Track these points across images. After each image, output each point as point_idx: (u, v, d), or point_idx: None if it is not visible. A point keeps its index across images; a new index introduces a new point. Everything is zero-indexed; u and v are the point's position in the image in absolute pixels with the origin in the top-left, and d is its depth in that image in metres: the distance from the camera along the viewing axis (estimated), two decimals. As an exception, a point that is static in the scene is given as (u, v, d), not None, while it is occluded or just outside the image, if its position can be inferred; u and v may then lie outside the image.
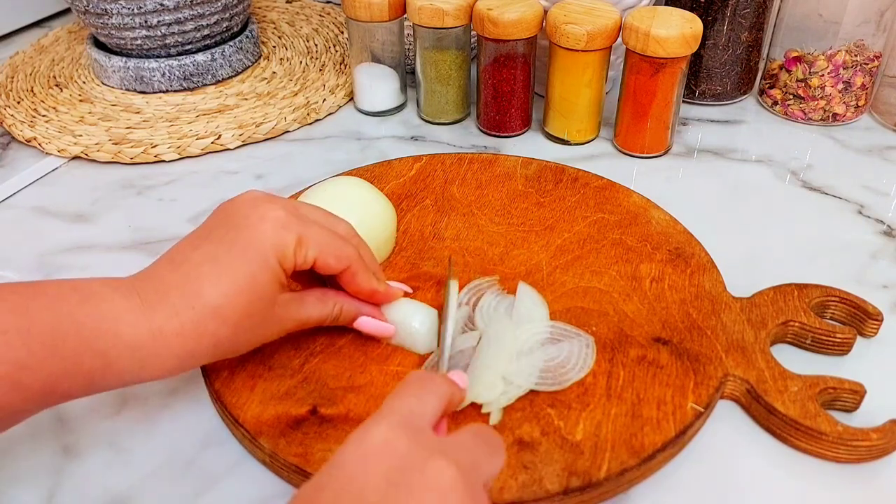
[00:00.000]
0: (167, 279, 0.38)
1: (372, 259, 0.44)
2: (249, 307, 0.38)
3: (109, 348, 0.35)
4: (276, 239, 0.38)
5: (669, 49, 0.58)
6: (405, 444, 0.28)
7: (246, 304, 0.37)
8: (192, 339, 0.37)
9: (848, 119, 0.69)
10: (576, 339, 0.45)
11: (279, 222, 0.39)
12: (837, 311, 0.48)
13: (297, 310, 0.41)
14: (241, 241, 0.38)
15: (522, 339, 0.44)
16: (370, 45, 0.68)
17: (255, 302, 0.38)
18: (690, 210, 0.56)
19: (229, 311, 0.37)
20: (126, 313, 0.36)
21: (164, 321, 0.36)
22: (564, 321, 0.46)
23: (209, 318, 0.37)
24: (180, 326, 0.36)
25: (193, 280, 0.37)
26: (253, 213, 0.39)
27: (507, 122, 0.67)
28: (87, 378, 0.35)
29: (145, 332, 0.36)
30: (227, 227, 0.39)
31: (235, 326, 0.38)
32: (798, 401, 0.41)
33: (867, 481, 0.40)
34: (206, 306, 0.37)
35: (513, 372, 0.42)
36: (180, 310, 0.37)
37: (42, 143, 0.66)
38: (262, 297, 0.38)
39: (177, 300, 0.37)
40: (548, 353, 0.44)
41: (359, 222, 0.49)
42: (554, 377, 0.42)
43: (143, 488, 0.39)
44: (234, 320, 0.37)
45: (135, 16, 0.69)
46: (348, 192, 0.50)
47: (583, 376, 0.42)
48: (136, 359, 0.36)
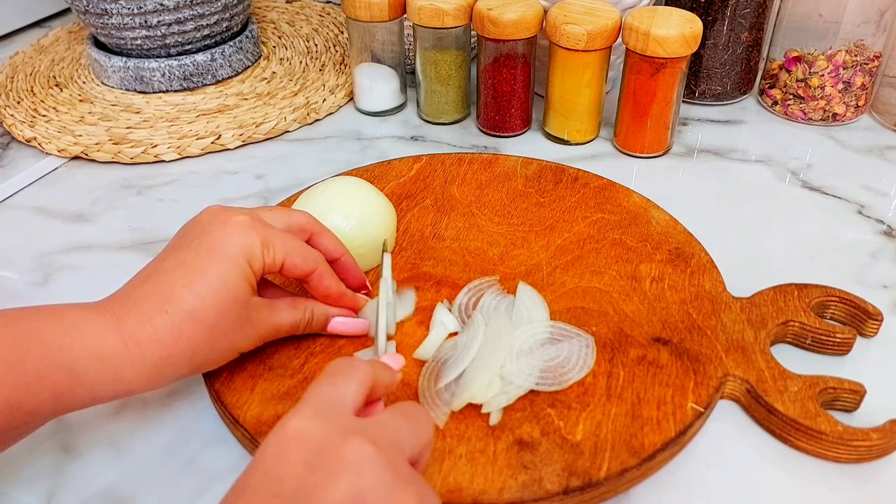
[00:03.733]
0: (136, 291, 0.38)
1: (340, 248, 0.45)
2: (224, 307, 0.37)
3: (75, 361, 0.35)
4: (243, 239, 0.39)
5: (669, 49, 0.58)
6: (320, 429, 0.28)
7: (220, 304, 0.37)
8: (168, 343, 0.36)
9: (848, 119, 0.69)
10: (576, 339, 0.45)
11: (243, 224, 0.39)
12: (837, 311, 0.48)
13: (270, 314, 0.41)
14: (206, 244, 0.38)
15: (522, 339, 0.44)
16: (370, 45, 0.68)
17: (229, 301, 0.38)
18: (690, 210, 0.56)
19: (203, 313, 0.37)
20: (93, 325, 0.36)
21: (135, 327, 0.36)
22: (564, 321, 0.46)
23: (184, 321, 0.36)
24: (154, 331, 0.36)
25: (164, 286, 0.37)
26: (215, 219, 0.40)
27: (507, 122, 0.67)
28: (54, 394, 0.34)
29: (116, 341, 0.35)
30: (192, 236, 0.39)
31: (212, 328, 0.37)
32: (798, 401, 0.41)
33: (867, 481, 0.40)
34: (179, 308, 0.36)
35: (512, 372, 0.42)
36: (153, 315, 0.36)
37: (42, 143, 0.66)
38: (234, 297, 0.38)
39: (148, 307, 0.36)
40: (548, 353, 0.44)
41: (359, 222, 0.49)
42: (554, 377, 0.42)
43: (143, 488, 0.39)
44: (209, 321, 0.37)
45: (135, 16, 0.69)
46: (348, 192, 0.50)
47: (583, 376, 0.42)
48: (108, 370, 0.35)
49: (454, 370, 0.42)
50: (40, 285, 0.53)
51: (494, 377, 0.42)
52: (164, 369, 0.37)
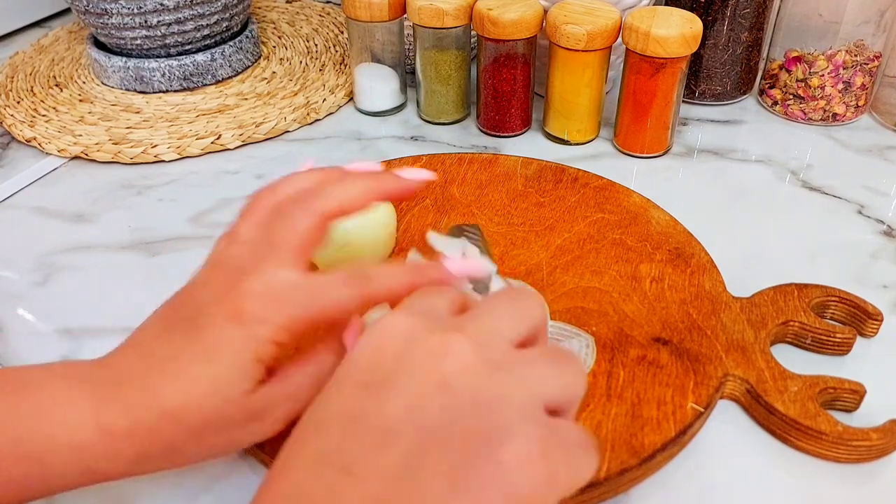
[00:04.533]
0: (130, 371, 0.33)
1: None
2: (213, 410, 0.32)
3: (45, 452, 0.31)
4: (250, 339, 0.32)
5: (669, 49, 0.58)
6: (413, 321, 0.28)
7: (209, 408, 0.32)
8: (145, 441, 0.32)
9: (848, 119, 0.69)
10: (575, 339, 0.45)
11: (255, 318, 0.32)
12: (837, 311, 0.48)
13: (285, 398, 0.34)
14: (206, 341, 0.32)
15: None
16: (370, 45, 0.68)
17: (219, 405, 0.32)
18: (690, 210, 0.56)
19: (187, 415, 0.32)
20: (69, 412, 0.32)
21: (115, 418, 0.32)
22: (564, 321, 0.46)
23: (165, 421, 0.32)
24: (131, 426, 0.32)
25: (153, 375, 0.32)
26: (221, 308, 0.33)
27: (507, 122, 0.67)
28: (20, 485, 0.31)
29: (91, 433, 0.31)
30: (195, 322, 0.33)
31: (199, 432, 0.32)
32: (798, 401, 0.41)
33: (867, 481, 0.40)
34: (161, 407, 0.32)
35: None
36: (135, 407, 0.32)
37: (42, 143, 0.66)
38: (227, 399, 0.32)
39: (133, 396, 0.32)
40: None
41: (359, 221, 0.49)
42: None
43: (143, 488, 0.39)
44: (193, 425, 0.32)
45: (135, 16, 0.69)
46: None
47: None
48: (81, 461, 0.31)
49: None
50: (40, 285, 0.53)
51: None
52: (142, 465, 0.33)
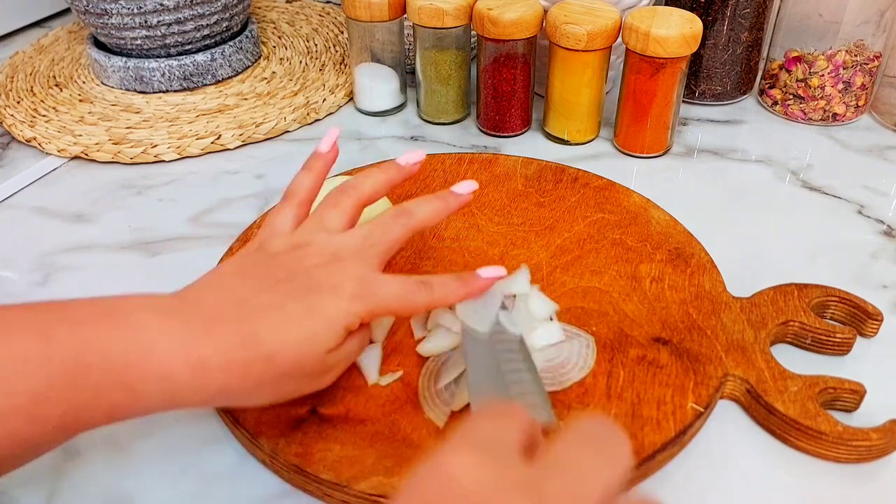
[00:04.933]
0: (222, 312, 0.36)
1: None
2: (302, 358, 0.36)
3: (137, 381, 0.33)
4: (346, 312, 0.37)
5: (669, 49, 0.58)
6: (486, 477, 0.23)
7: (300, 355, 0.36)
8: (236, 376, 0.34)
9: (848, 119, 0.69)
10: (576, 339, 0.45)
11: (351, 296, 0.37)
12: (837, 311, 0.48)
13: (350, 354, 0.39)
14: (310, 301, 0.37)
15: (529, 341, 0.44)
16: (370, 45, 0.68)
17: (309, 355, 0.36)
18: (690, 210, 0.56)
19: (281, 359, 0.35)
20: (162, 339, 0.34)
21: (209, 353, 0.34)
22: (564, 321, 0.46)
23: (259, 360, 0.35)
24: (227, 362, 0.34)
25: (251, 320, 0.35)
26: (329, 274, 0.38)
27: (507, 122, 0.67)
28: (110, 411, 0.33)
29: (182, 363, 0.34)
30: (296, 284, 0.37)
31: (283, 375, 0.36)
32: (798, 401, 0.41)
33: (867, 481, 0.40)
34: (260, 348, 0.35)
35: None
36: (231, 346, 0.34)
37: (42, 143, 0.66)
38: (316, 352, 0.36)
39: (229, 336, 0.35)
40: (547, 353, 0.44)
41: (359, 222, 0.48)
42: (554, 377, 0.42)
43: (143, 488, 0.39)
44: (283, 368, 0.35)
45: (135, 16, 0.69)
46: None
47: (583, 376, 0.42)
48: (167, 390, 0.34)
49: (454, 370, 0.42)
50: (40, 285, 0.53)
51: None
52: (219, 399, 0.36)
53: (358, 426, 0.40)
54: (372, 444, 0.39)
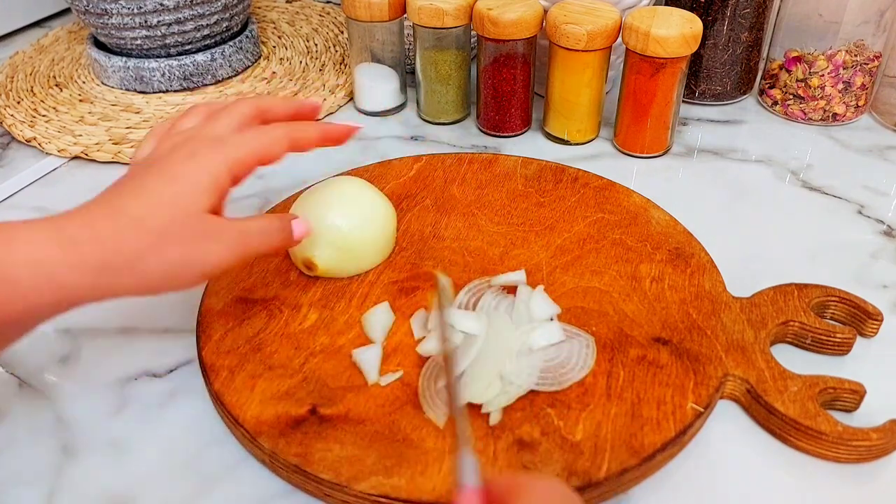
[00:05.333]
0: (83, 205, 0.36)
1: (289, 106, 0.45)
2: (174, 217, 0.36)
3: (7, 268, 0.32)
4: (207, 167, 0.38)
5: (669, 49, 0.58)
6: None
7: (170, 214, 0.36)
8: (108, 246, 0.34)
9: (848, 119, 0.69)
10: (576, 339, 0.45)
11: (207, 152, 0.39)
12: (837, 311, 0.48)
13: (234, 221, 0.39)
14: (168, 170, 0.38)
15: (522, 340, 0.44)
16: (370, 45, 0.68)
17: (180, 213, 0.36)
18: (690, 210, 0.56)
19: (150, 220, 0.35)
20: (26, 233, 0.33)
21: (76, 230, 0.34)
22: (564, 321, 0.46)
23: (127, 226, 0.35)
24: (95, 233, 0.34)
25: (115, 198, 0.36)
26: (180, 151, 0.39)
27: (507, 122, 0.67)
28: None
29: (51, 245, 0.33)
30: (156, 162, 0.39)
31: (159, 236, 0.35)
32: (798, 401, 0.41)
33: (867, 481, 0.40)
34: (126, 216, 0.35)
35: (512, 372, 0.42)
36: (97, 219, 0.35)
37: (42, 143, 0.66)
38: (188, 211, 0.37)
39: (95, 210, 0.35)
40: (547, 353, 0.44)
41: (359, 222, 0.49)
42: (554, 377, 0.42)
43: (143, 488, 0.39)
44: (158, 230, 0.35)
45: (135, 16, 0.69)
46: (347, 192, 0.50)
47: (583, 376, 0.42)
48: (43, 274, 0.33)
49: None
50: (40, 285, 0.53)
51: (495, 377, 0.42)
52: (106, 276, 0.34)
53: (358, 426, 0.40)
54: (372, 444, 0.39)
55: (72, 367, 0.46)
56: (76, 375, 0.46)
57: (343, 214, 0.48)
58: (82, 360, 0.47)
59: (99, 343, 0.48)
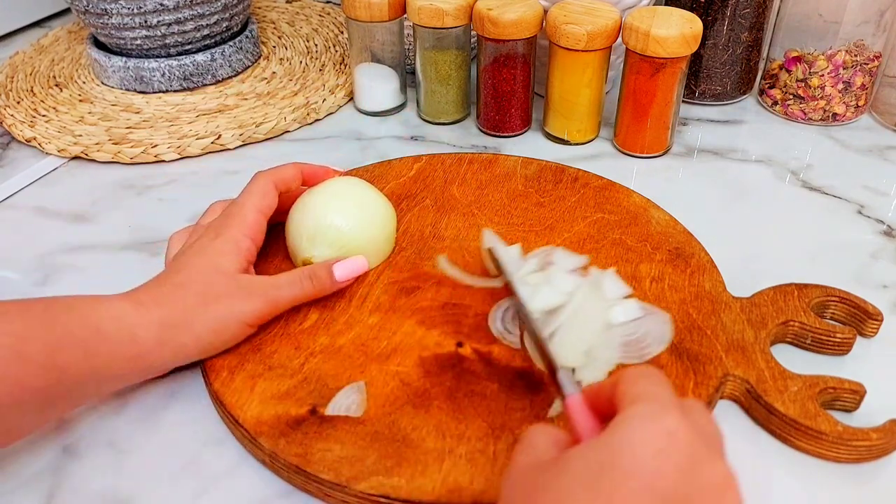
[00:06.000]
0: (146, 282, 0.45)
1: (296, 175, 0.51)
2: (208, 277, 0.44)
3: (100, 322, 0.40)
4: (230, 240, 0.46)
5: (669, 49, 0.58)
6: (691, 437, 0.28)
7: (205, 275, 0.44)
8: (165, 303, 0.42)
9: (848, 119, 0.69)
10: (652, 315, 0.46)
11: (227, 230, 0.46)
12: (837, 311, 0.48)
13: (266, 282, 0.45)
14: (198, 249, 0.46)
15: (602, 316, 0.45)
16: (370, 45, 0.68)
17: (213, 272, 0.44)
18: (690, 210, 0.56)
19: (194, 285, 0.43)
20: (108, 298, 0.42)
21: (142, 296, 0.43)
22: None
23: (178, 291, 0.43)
24: (155, 297, 0.43)
25: (164, 275, 0.45)
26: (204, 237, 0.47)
27: (507, 122, 0.67)
28: (84, 349, 0.39)
29: (127, 304, 0.41)
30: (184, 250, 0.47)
31: (203, 296, 0.43)
32: (798, 401, 0.41)
33: (867, 481, 0.40)
34: (173, 284, 0.43)
35: (595, 346, 0.43)
36: (154, 287, 0.44)
37: (42, 143, 0.66)
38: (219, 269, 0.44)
39: (152, 284, 0.44)
40: (626, 329, 0.45)
41: (358, 222, 0.49)
42: (635, 351, 0.44)
43: (143, 488, 0.39)
44: (200, 290, 0.43)
45: (135, 16, 0.69)
46: (347, 192, 0.50)
47: (661, 350, 0.44)
48: (124, 328, 0.40)
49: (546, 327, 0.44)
50: (40, 285, 0.53)
51: (580, 351, 0.43)
52: (167, 332, 0.41)
53: (358, 426, 0.40)
54: (372, 444, 0.39)
55: (72, 367, 0.46)
56: (76, 375, 0.46)
57: (343, 215, 0.48)
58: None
59: (99, 343, 0.48)
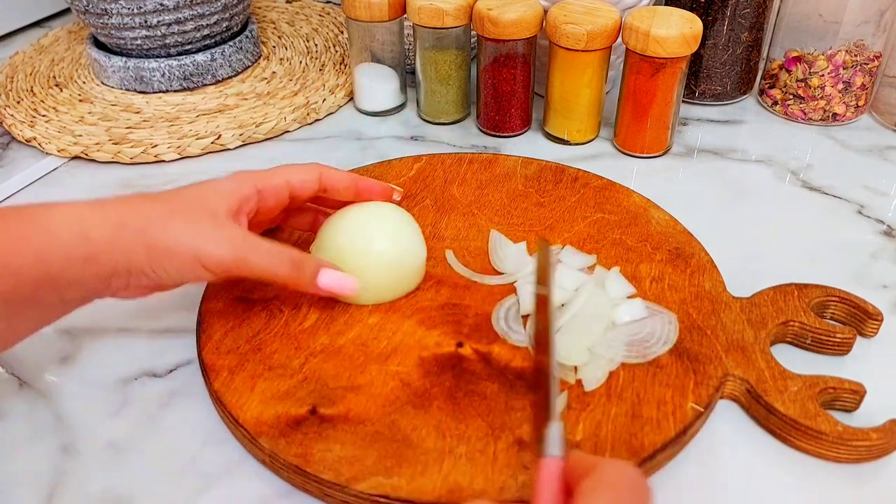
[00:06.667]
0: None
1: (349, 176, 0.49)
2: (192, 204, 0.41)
3: (52, 222, 0.38)
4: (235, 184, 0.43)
5: (669, 49, 0.58)
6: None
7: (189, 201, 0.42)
8: (128, 209, 0.40)
9: (848, 119, 0.69)
10: (658, 315, 0.46)
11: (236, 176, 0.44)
12: (837, 311, 0.48)
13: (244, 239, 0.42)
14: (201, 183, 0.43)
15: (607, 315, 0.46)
16: (370, 45, 0.68)
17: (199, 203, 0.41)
18: (690, 210, 0.56)
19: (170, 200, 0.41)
20: (63, 202, 0.40)
21: (106, 201, 0.41)
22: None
23: (149, 200, 0.41)
24: (121, 202, 0.41)
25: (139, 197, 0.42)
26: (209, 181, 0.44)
27: (507, 122, 0.67)
28: (35, 251, 0.37)
29: (85, 206, 0.40)
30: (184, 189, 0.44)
31: (171, 210, 0.41)
32: (798, 401, 0.41)
33: (867, 481, 0.40)
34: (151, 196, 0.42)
35: (599, 344, 0.44)
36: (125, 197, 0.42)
37: (42, 143, 0.66)
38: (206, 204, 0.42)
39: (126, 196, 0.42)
40: (631, 328, 0.45)
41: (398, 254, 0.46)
42: (639, 350, 0.44)
43: (143, 488, 0.39)
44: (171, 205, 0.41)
45: (135, 16, 0.69)
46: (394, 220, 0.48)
47: (666, 350, 0.44)
48: (77, 225, 0.39)
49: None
50: (40, 285, 0.53)
51: (584, 348, 0.43)
52: (122, 233, 0.39)
53: (358, 426, 0.40)
54: (372, 444, 0.39)
55: (72, 367, 0.46)
56: (76, 375, 0.46)
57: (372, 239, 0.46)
58: (82, 360, 0.47)
59: (99, 343, 0.48)
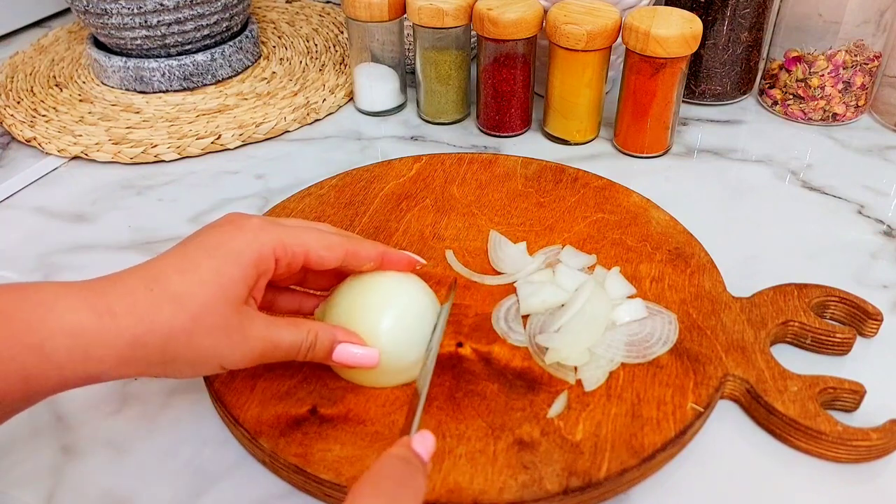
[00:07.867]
0: (124, 272, 0.36)
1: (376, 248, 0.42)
2: (211, 301, 0.35)
3: (45, 339, 0.32)
4: (253, 241, 0.37)
5: (669, 49, 0.58)
6: None
7: (208, 296, 0.35)
8: (145, 319, 0.34)
9: (848, 119, 0.69)
10: (658, 315, 0.46)
11: (256, 227, 0.38)
12: (837, 311, 0.48)
13: (266, 327, 0.37)
14: (213, 241, 0.37)
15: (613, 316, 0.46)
16: (370, 45, 0.68)
17: (219, 298, 0.35)
18: (690, 210, 0.56)
19: (188, 299, 0.34)
20: (65, 299, 0.33)
21: (115, 299, 0.34)
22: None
23: (166, 301, 0.34)
24: (133, 305, 0.34)
25: (155, 268, 0.35)
26: (231, 222, 0.38)
27: (507, 122, 0.67)
28: (23, 377, 0.32)
29: (89, 315, 0.33)
30: (202, 235, 0.38)
31: (193, 319, 0.34)
32: (798, 401, 0.41)
33: (867, 481, 0.40)
34: (164, 289, 0.34)
35: (599, 344, 0.44)
36: (136, 289, 0.34)
37: (42, 143, 0.66)
38: (225, 296, 0.35)
39: (134, 282, 0.35)
40: (630, 328, 0.45)
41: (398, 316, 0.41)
42: (639, 351, 0.44)
43: (143, 488, 0.39)
44: (191, 310, 0.34)
45: (135, 16, 0.69)
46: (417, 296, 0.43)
47: (666, 351, 0.44)
48: (79, 347, 0.33)
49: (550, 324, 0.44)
50: (40, 285, 0.53)
51: (584, 348, 0.43)
52: (136, 352, 0.34)
53: (358, 426, 0.40)
54: (372, 444, 0.39)
55: (72, 367, 0.46)
56: (76, 375, 0.46)
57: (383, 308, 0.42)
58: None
59: (99, 343, 0.48)
